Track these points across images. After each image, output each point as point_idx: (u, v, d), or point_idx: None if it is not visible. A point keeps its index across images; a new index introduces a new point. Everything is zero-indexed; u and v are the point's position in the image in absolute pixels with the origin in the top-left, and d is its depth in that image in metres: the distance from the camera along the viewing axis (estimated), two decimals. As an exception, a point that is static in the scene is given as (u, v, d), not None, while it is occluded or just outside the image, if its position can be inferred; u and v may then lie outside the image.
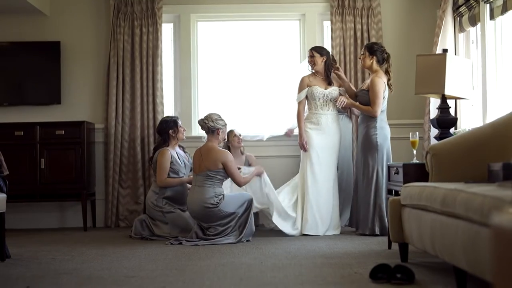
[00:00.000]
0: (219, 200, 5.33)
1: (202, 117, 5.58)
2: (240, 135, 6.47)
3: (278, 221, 5.80)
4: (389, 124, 5.93)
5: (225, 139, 5.81)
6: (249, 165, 6.37)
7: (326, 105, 5.98)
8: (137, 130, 6.89)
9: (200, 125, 5.59)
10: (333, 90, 5.99)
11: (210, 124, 5.47)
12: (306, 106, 6.08)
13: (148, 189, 6.31)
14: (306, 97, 6.01)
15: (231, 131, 6.36)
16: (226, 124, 5.60)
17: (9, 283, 3.74)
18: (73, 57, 7.07)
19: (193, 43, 7.13)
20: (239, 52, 7.24)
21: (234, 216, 5.38)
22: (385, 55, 5.88)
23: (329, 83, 6.01)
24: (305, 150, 5.94)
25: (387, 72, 5.87)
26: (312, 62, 6.03)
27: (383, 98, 5.76)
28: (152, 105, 6.89)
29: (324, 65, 6.02)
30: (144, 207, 6.33)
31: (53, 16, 7.08)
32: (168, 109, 7.07)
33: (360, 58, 6.02)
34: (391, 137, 5.87)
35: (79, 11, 7.10)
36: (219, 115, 5.55)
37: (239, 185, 5.54)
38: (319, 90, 5.96)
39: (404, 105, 6.85)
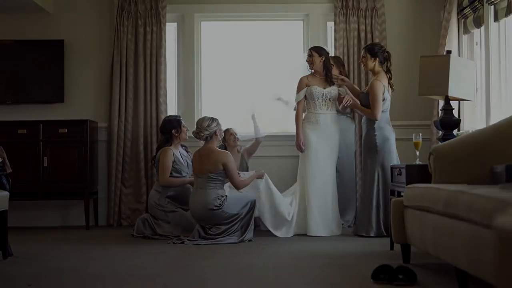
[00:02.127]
0: (222, 201, 5.31)
1: (195, 130, 5.46)
2: (236, 134, 6.44)
3: (272, 226, 5.76)
4: (394, 125, 5.90)
5: (222, 136, 5.78)
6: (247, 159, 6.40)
7: (325, 104, 5.97)
8: (140, 129, 6.89)
9: (197, 137, 5.48)
10: (332, 90, 5.98)
11: (206, 134, 5.41)
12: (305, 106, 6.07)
13: (151, 188, 6.31)
14: (305, 97, 6.00)
15: (227, 130, 6.32)
16: (218, 121, 5.49)
17: (11, 281, 3.75)
18: (77, 56, 7.07)
19: (196, 43, 7.14)
20: (242, 52, 7.24)
21: (238, 216, 5.37)
22: (386, 54, 5.85)
23: (330, 83, 5.99)
24: (301, 151, 5.93)
25: (387, 71, 5.84)
26: (310, 61, 6.02)
27: (384, 100, 5.74)
28: (155, 104, 6.89)
29: (322, 65, 6.01)
30: (147, 206, 6.33)
31: (56, 14, 7.09)
32: (171, 108, 7.07)
33: (361, 61, 5.98)
34: (395, 138, 5.85)
35: (83, 9, 7.10)
36: (208, 118, 5.45)
37: (237, 187, 5.48)
38: (318, 89, 5.95)
39: (409, 106, 6.83)
